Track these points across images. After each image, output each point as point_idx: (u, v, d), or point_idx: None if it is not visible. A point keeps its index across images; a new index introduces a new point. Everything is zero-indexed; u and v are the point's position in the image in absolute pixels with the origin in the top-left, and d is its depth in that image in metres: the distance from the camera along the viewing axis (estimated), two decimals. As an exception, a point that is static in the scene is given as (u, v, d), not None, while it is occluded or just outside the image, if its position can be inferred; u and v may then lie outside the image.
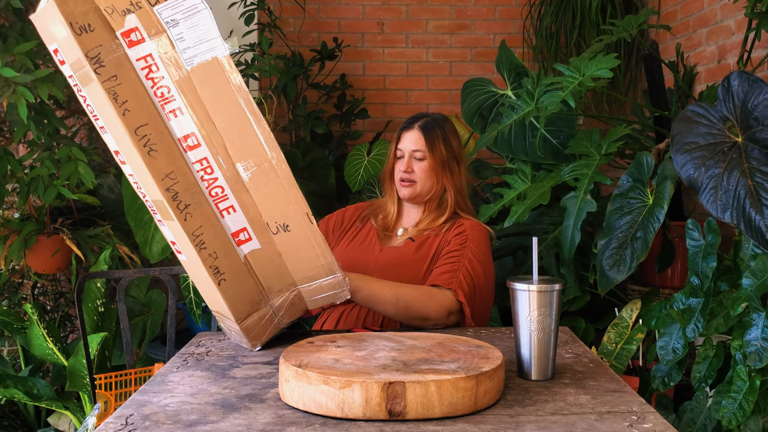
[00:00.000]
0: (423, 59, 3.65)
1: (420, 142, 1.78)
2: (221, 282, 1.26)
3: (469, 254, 1.68)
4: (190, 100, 1.22)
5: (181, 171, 1.22)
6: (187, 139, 1.23)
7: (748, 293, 1.71)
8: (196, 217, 1.23)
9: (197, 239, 1.23)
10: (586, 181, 2.24)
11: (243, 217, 1.27)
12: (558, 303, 1.14)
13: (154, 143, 1.20)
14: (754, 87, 1.81)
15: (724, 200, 1.74)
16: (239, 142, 1.24)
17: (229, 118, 1.23)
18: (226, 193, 1.25)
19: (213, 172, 1.24)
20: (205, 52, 1.20)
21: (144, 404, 1.05)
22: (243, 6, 3.18)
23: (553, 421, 0.97)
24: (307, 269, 1.31)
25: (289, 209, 1.27)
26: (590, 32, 3.31)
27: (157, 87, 1.21)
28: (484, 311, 1.71)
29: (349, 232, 1.86)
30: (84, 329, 2.00)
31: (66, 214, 2.94)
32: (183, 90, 1.21)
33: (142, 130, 1.19)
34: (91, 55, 1.16)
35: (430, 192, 1.79)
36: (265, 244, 1.28)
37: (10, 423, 2.83)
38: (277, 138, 1.24)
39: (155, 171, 1.20)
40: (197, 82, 1.21)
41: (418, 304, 1.58)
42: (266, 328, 1.33)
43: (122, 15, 1.19)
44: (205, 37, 1.20)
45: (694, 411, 1.96)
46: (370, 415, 0.97)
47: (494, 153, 3.12)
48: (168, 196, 1.21)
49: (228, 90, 1.21)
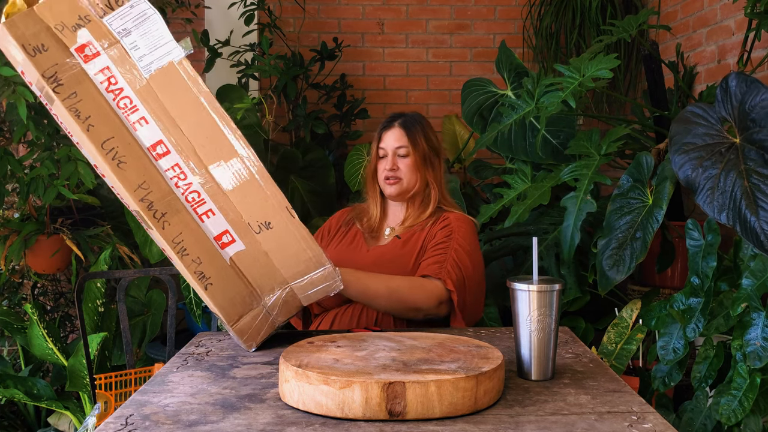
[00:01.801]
0: (423, 59, 3.65)
1: (402, 138, 1.81)
2: (207, 287, 1.26)
3: (455, 245, 1.70)
4: (153, 108, 1.21)
5: (153, 180, 1.22)
6: (156, 147, 1.22)
7: (748, 293, 1.71)
8: (174, 224, 1.23)
9: (178, 246, 1.23)
10: (586, 181, 2.24)
11: (223, 219, 1.25)
12: (558, 303, 1.14)
13: (122, 155, 1.19)
14: (752, 88, 1.81)
15: (720, 201, 1.74)
16: (208, 144, 1.23)
17: (194, 122, 1.22)
18: (202, 198, 1.24)
19: (186, 177, 1.23)
20: (161, 57, 1.20)
21: (144, 404, 1.05)
22: (243, 6, 3.18)
23: (553, 421, 0.97)
24: (296, 265, 1.31)
25: (268, 206, 1.26)
26: (590, 32, 3.31)
27: (119, 98, 1.20)
28: (475, 302, 1.72)
29: (336, 237, 1.87)
30: (84, 329, 2.00)
31: (66, 214, 2.94)
32: (145, 98, 1.20)
33: (108, 144, 1.19)
34: (48, 74, 1.15)
35: (414, 187, 1.82)
36: (249, 244, 1.27)
37: (10, 423, 2.83)
38: (277, 138, 1.24)
39: (127, 183, 1.20)
40: (158, 89, 1.20)
41: (410, 296, 1.60)
42: (261, 328, 1.33)
43: (73, 31, 1.18)
44: (158, 42, 1.19)
45: (694, 411, 1.96)
46: (370, 415, 0.97)
47: (494, 153, 3.12)
48: (143, 206, 1.21)
49: (189, 93, 1.20)
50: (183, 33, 3.17)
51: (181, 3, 3.03)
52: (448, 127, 3.39)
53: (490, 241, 2.71)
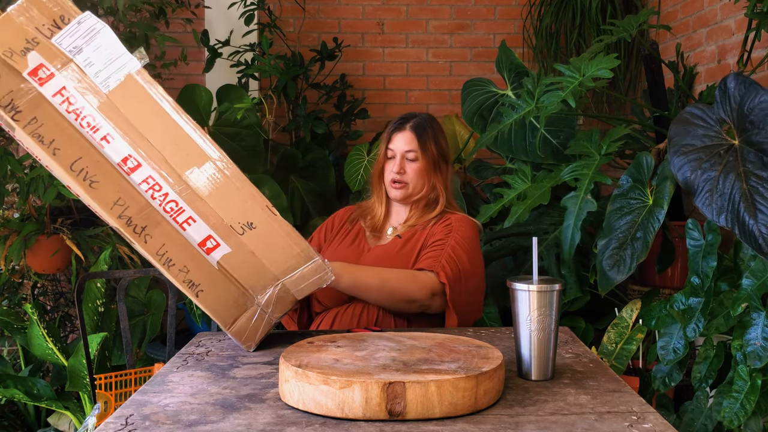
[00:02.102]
0: (423, 59, 3.65)
1: (413, 142, 1.79)
2: (199, 294, 1.26)
3: (452, 242, 1.70)
4: (117, 123, 1.19)
5: (128, 195, 1.21)
6: (126, 162, 1.20)
7: (748, 293, 1.71)
8: (156, 236, 1.22)
9: (163, 258, 1.22)
10: (587, 181, 2.23)
11: (205, 225, 1.24)
12: (558, 303, 1.14)
13: (93, 175, 1.18)
14: (750, 90, 1.81)
15: (719, 203, 1.74)
16: (178, 151, 1.21)
17: (161, 131, 1.20)
18: (180, 206, 1.23)
19: (161, 188, 1.22)
20: (117, 70, 1.18)
21: (144, 404, 1.05)
22: (243, 6, 3.18)
23: (553, 421, 0.97)
24: (285, 261, 1.30)
25: (247, 206, 1.25)
26: (590, 32, 3.31)
27: (81, 118, 1.18)
28: (471, 300, 1.71)
29: (339, 234, 1.87)
30: (84, 329, 2.00)
31: (66, 214, 2.94)
32: (107, 114, 1.19)
33: (77, 165, 1.17)
34: (4, 103, 1.14)
35: (420, 192, 1.81)
36: (235, 246, 1.26)
37: (10, 423, 2.83)
38: (277, 138, 1.23)
39: (102, 202, 1.19)
40: (119, 103, 1.19)
41: (402, 287, 1.59)
42: (258, 328, 1.33)
43: (23, 55, 1.16)
44: (112, 56, 1.17)
45: (695, 411, 1.96)
46: (370, 415, 0.97)
47: (494, 153, 3.12)
48: (122, 223, 1.20)
49: (152, 103, 1.19)
50: (183, 33, 3.18)
51: (181, 3, 3.03)
52: (448, 127, 3.39)
53: (490, 241, 2.71)
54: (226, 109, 2.92)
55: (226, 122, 2.96)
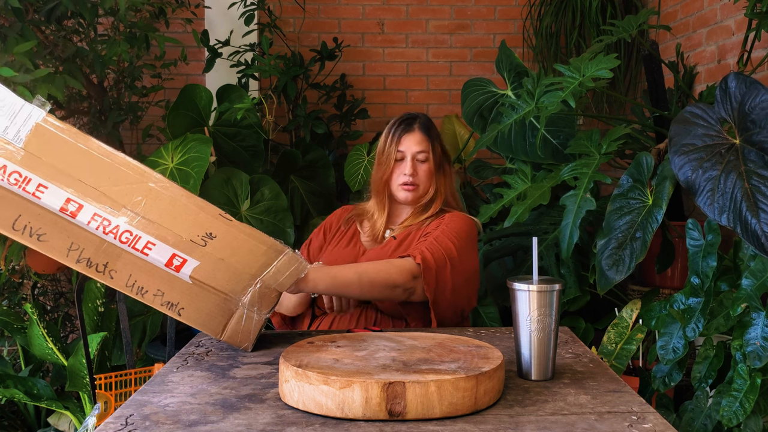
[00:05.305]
0: (423, 59, 3.65)
1: (423, 142, 1.76)
2: (180, 312, 1.26)
3: (438, 232, 1.68)
4: (44, 172, 1.18)
5: (80, 238, 1.20)
6: (67, 206, 1.19)
7: (748, 293, 1.71)
8: (121, 269, 1.22)
9: (134, 288, 1.22)
10: (586, 180, 2.23)
11: (165, 245, 1.23)
12: (558, 303, 1.14)
13: (38, 228, 1.18)
14: (752, 89, 1.81)
15: (721, 203, 1.74)
16: (115, 184, 1.20)
17: (89, 169, 1.19)
18: (136, 234, 1.22)
19: (111, 222, 1.21)
20: (25, 122, 1.17)
21: (144, 404, 1.05)
22: (243, 6, 3.18)
23: (553, 421, 0.97)
24: (256, 260, 1.29)
25: (201, 218, 1.24)
26: (590, 32, 3.31)
27: (7, 176, 1.17)
28: (457, 288, 1.65)
29: (336, 235, 1.86)
30: (84, 329, 2.00)
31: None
32: (31, 166, 1.17)
33: (19, 224, 1.17)
34: None
35: (427, 193, 1.79)
36: (202, 257, 1.25)
37: (10, 423, 2.83)
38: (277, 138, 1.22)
39: (56, 252, 1.19)
40: (38, 153, 1.17)
41: (380, 274, 1.55)
42: (249, 328, 1.33)
43: None
44: (13, 109, 1.16)
45: (695, 411, 1.96)
46: (370, 415, 0.97)
47: (494, 153, 3.12)
48: (82, 266, 1.20)
49: (69, 145, 1.18)
50: (183, 33, 3.18)
51: (181, 3, 3.03)
52: (448, 127, 3.39)
53: (490, 241, 2.71)
54: (226, 109, 2.92)
55: (226, 122, 2.96)
